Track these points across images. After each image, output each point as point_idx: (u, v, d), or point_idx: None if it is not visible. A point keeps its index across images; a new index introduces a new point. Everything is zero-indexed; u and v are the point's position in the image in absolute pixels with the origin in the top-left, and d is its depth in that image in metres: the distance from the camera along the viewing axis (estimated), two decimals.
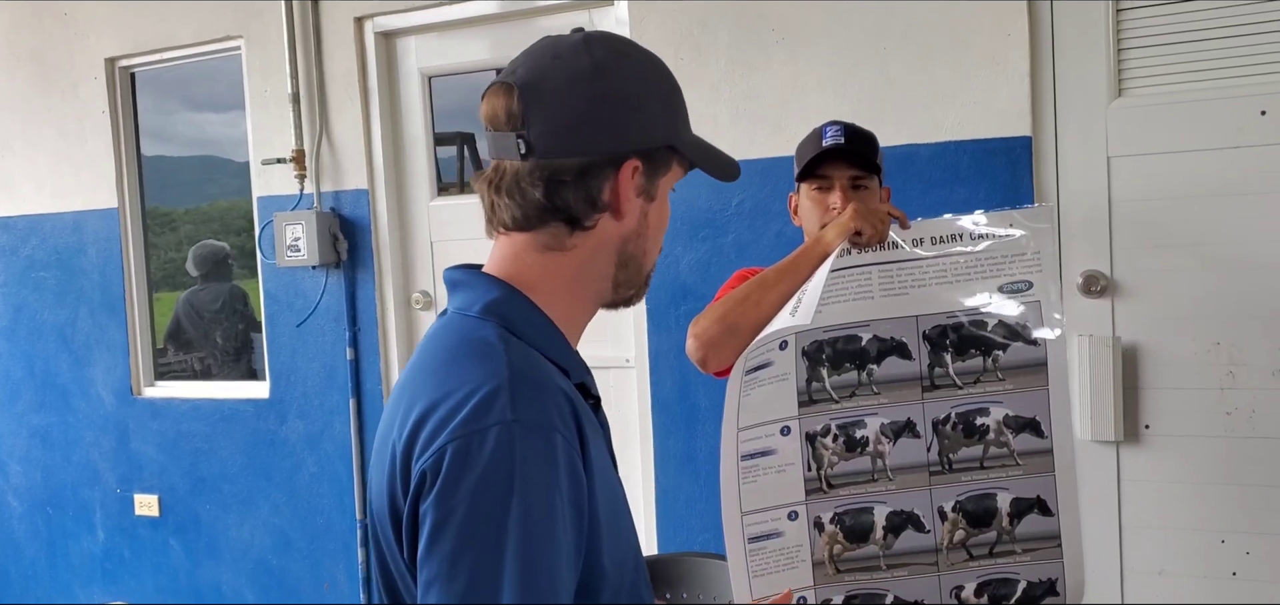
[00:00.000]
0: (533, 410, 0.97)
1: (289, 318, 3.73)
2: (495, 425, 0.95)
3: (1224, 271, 2.52)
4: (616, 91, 1.08)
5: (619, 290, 1.15)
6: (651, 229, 1.14)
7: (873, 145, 2.02)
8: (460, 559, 0.93)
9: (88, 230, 4.10)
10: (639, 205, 1.11)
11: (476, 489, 0.93)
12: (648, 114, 1.10)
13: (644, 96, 1.10)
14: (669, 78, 1.15)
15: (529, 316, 1.08)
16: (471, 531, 0.93)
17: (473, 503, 0.93)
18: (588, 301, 1.15)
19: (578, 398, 1.07)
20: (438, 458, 0.95)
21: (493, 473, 0.93)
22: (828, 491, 1.81)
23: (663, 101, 1.13)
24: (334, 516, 3.73)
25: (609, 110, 1.07)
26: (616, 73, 1.08)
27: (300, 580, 3.82)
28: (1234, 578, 2.56)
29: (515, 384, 0.98)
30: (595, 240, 1.10)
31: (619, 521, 1.10)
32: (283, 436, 3.79)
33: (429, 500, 0.95)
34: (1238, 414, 2.53)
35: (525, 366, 1.01)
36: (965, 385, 1.82)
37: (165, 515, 4.05)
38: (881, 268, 1.81)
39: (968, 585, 1.84)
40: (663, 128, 1.12)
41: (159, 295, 4.20)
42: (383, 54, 3.55)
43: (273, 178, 3.70)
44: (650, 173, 1.11)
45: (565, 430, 0.99)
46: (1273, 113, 2.45)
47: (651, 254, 1.16)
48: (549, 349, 1.07)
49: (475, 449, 0.94)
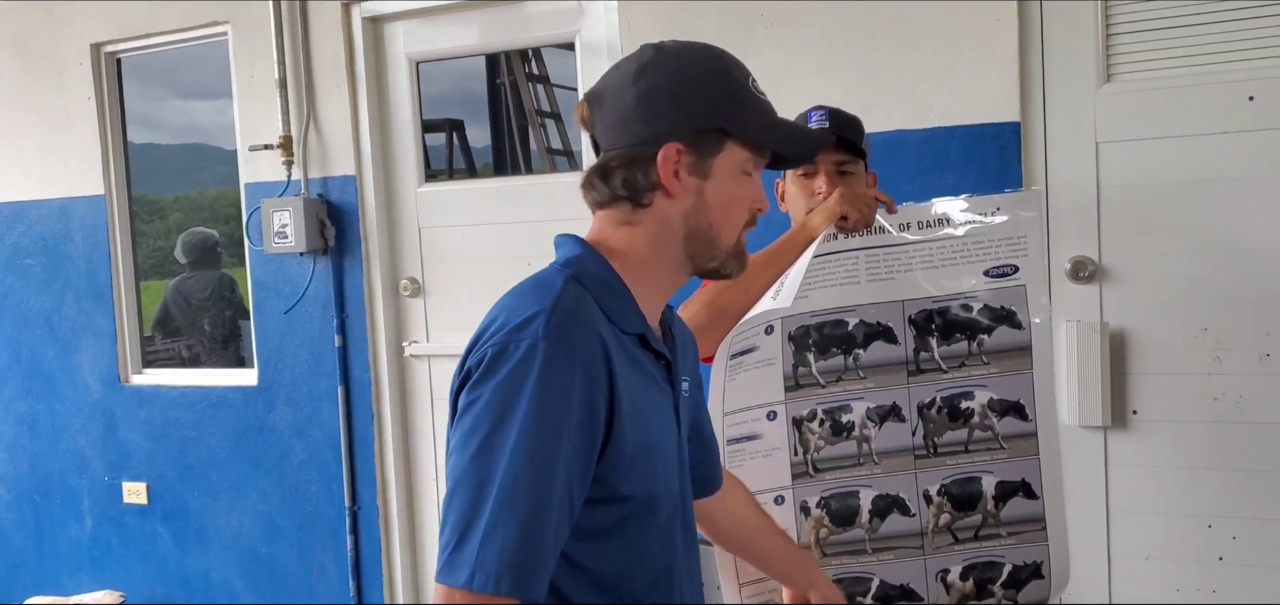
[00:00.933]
0: (562, 337, 1.14)
1: (277, 305, 3.72)
2: (527, 339, 1.14)
3: (1212, 257, 2.52)
4: (655, 86, 1.24)
5: (697, 261, 1.29)
6: (712, 205, 1.26)
7: (858, 130, 2.02)
8: (474, 434, 1.13)
9: (74, 217, 4.08)
10: (692, 184, 1.25)
11: (500, 383, 1.13)
12: (689, 103, 1.24)
13: (684, 87, 1.24)
14: (723, 68, 1.27)
15: (598, 272, 1.25)
16: (488, 415, 1.12)
17: (494, 393, 1.13)
18: (662, 269, 1.29)
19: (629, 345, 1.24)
20: (481, 355, 1.16)
21: (516, 374, 1.12)
22: (814, 476, 1.82)
23: (708, 90, 1.25)
24: (323, 504, 3.72)
25: (648, 103, 1.24)
26: (658, 69, 1.25)
27: (289, 568, 3.81)
28: (1221, 562, 2.57)
29: (554, 314, 1.15)
30: (656, 216, 1.26)
31: (656, 462, 1.26)
32: (271, 424, 3.78)
33: (467, 388, 1.16)
34: (1225, 399, 2.53)
35: (571, 305, 1.18)
36: (950, 369, 1.82)
37: (153, 503, 4.03)
38: (868, 253, 1.81)
39: (953, 568, 1.85)
40: (709, 113, 1.24)
41: (147, 283, 4.19)
42: (370, 39, 3.53)
43: (260, 164, 3.68)
44: (699, 154, 1.24)
45: (588, 363, 1.15)
46: (1260, 98, 2.45)
47: (723, 227, 1.28)
48: (607, 300, 1.23)
49: (509, 354, 1.13)
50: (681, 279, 1.32)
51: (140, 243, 4.15)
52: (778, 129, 1.31)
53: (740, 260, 1.32)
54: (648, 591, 1.28)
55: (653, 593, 1.29)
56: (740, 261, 1.32)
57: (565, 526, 1.15)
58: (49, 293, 4.16)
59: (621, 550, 1.24)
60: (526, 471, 1.10)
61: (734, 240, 1.30)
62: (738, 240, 1.31)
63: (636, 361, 1.25)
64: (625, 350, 1.23)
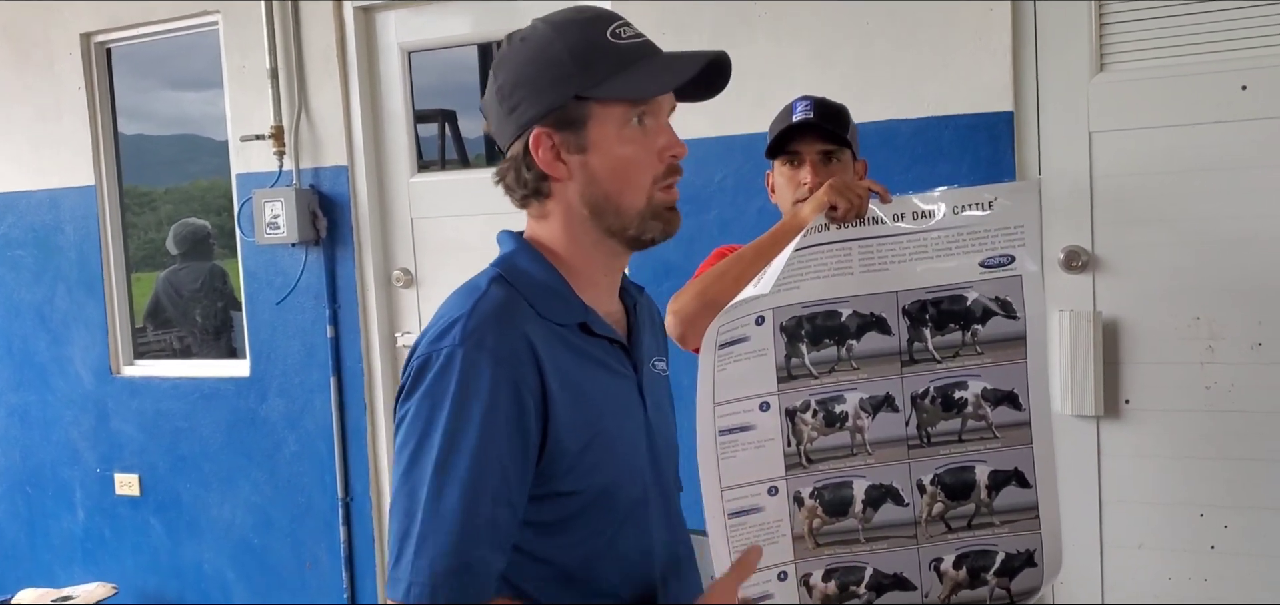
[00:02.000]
0: (480, 342, 1.14)
1: (269, 296, 3.71)
2: (445, 348, 1.15)
3: (1204, 246, 2.52)
4: (508, 79, 1.23)
5: (618, 234, 1.26)
6: (602, 174, 1.22)
7: (842, 119, 2.02)
8: (403, 449, 1.16)
9: (65, 208, 4.06)
10: (576, 161, 1.23)
11: (423, 395, 1.15)
12: (534, 87, 1.21)
13: (529, 70, 1.22)
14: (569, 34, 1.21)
15: (529, 267, 1.25)
16: (414, 429, 1.15)
17: (418, 406, 1.15)
18: (590, 252, 1.27)
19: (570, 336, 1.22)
20: (406, 372, 1.19)
21: (435, 384, 1.14)
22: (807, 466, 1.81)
23: (553, 64, 1.21)
24: (315, 495, 3.72)
25: (508, 99, 1.23)
26: (507, 62, 1.24)
27: (282, 559, 3.81)
28: (1212, 551, 2.58)
29: (472, 319, 1.16)
30: (559, 203, 1.25)
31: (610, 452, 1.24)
32: (263, 415, 3.77)
33: (398, 403, 1.20)
34: (1217, 389, 2.54)
35: (491, 308, 1.18)
36: (944, 359, 1.82)
37: (146, 494, 4.02)
38: (861, 243, 1.80)
39: (946, 557, 1.85)
40: (555, 87, 1.21)
41: (138, 275, 4.17)
42: (362, 28, 3.52)
43: (251, 154, 3.67)
44: (567, 130, 1.21)
45: (512, 364, 1.15)
46: (1253, 87, 2.45)
47: (624, 191, 1.23)
48: (539, 295, 1.22)
49: (430, 365, 1.16)
50: (617, 255, 1.30)
51: (131, 234, 4.14)
52: (636, 74, 1.22)
53: (663, 219, 1.27)
54: (623, 581, 1.26)
55: (629, 581, 1.27)
56: (664, 221, 1.27)
57: (506, 526, 1.15)
58: (40, 284, 4.14)
59: (584, 542, 1.23)
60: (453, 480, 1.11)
61: (644, 201, 1.25)
62: (651, 199, 1.25)
63: (580, 351, 1.24)
64: (564, 342, 1.22)
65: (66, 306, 4.09)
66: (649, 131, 1.24)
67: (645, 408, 1.31)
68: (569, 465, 1.19)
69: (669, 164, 1.26)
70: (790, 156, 2.00)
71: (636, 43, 1.23)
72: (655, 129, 1.24)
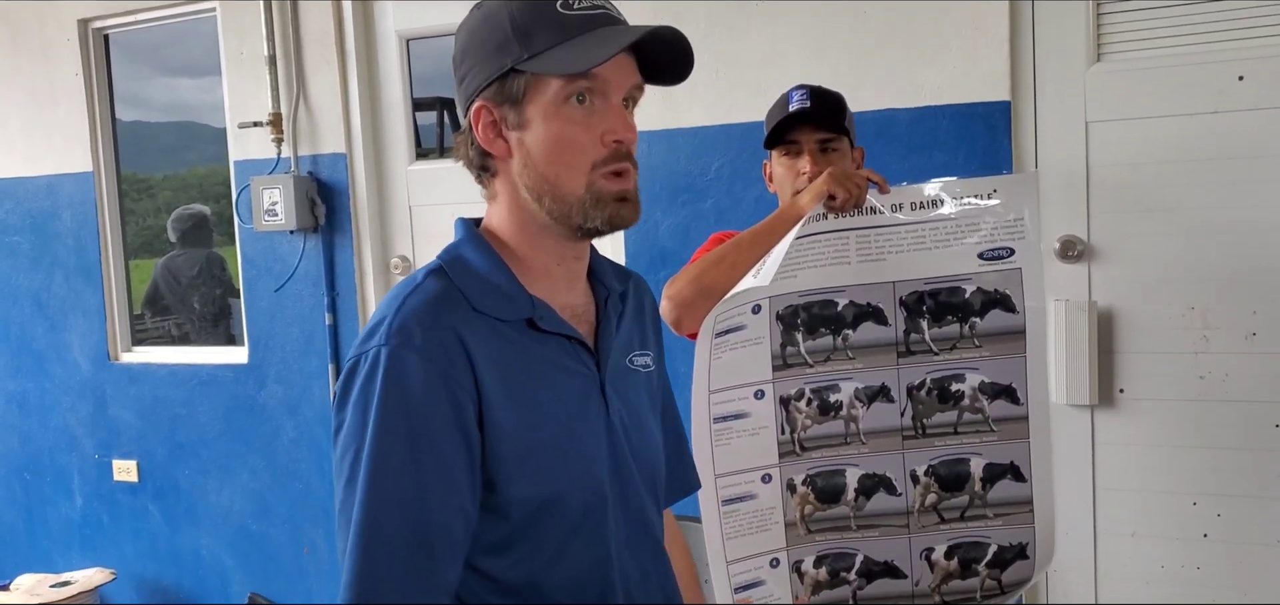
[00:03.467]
0: (405, 341, 1.08)
1: (267, 282, 3.71)
2: (371, 350, 1.09)
3: (1200, 236, 2.53)
4: (461, 49, 1.18)
5: (561, 221, 1.16)
6: (538, 154, 1.14)
7: (840, 107, 2.02)
8: (342, 460, 1.09)
9: (62, 194, 4.05)
10: (515, 139, 1.16)
11: (355, 402, 1.08)
12: (478, 56, 1.15)
13: (473, 40, 1.16)
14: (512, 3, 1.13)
15: (472, 259, 1.17)
16: (349, 438, 1.08)
17: (351, 414, 1.09)
18: (540, 237, 1.19)
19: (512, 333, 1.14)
20: (341, 374, 1.13)
21: (365, 388, 1.08)
22: (800, 454, 1.82)
23: (493, 33, 1.14)
24: (313, 482, 3.72)
25: (459, 67, 1.18)
26: (460, 32, 1.18)
27: (279, 545, 3.82)
28: (1205, 539, 2.59)
29: (400, 316, 1.10)
30: (503, 184, 1.19)
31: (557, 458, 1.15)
32: (261, 402, 3.78)
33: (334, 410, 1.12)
34: (1211, 378, 2.54)
35: (421, 305, 1.11)
36: (941, 351, 1.82)
37: (144, 481, 4.03)
38: (858, 233, 1.80)
39: (938, 547, 1.86)
40: (494, 58, 1.14)
41: (136, 262, 4.17)
42: (360, 15, 3.51)
43: (249, 141, 3.66)
44: (506, 104, 1.15)
45: (444, 361, 1.08)
46: (1250, 78, 2.45)
47: (560, 173, 1.13)
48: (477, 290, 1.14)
49: (359, 369, 1.09)
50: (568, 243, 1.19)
51: (129, 221, 4.13)
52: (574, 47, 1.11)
53: (608, 208, 1.14)
54: (575, 596, 1.17)
55: (582, 596, 1.17)
56: (609, 210, 1.14)
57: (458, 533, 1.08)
58: (37, 270, 4.14)
59: (530, 556, 1.14)
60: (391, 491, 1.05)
61: (583, 187, 1.13)
62: (591, 185, 1.13)
63: (524, 350, 1.14)
64: (505, 340, 1.13)
65: (64, 293, 4.09)
66: (592, 112, 1.13)
67: (608, 408, 1.20)
68: (510, 473, 1.11)
69: (612, 149, 1.13)
70: (788, 146, 2.00)
71: (588, 13, 1.12)
72: (602, 110, 1.13)
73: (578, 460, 1.17)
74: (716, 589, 1.81)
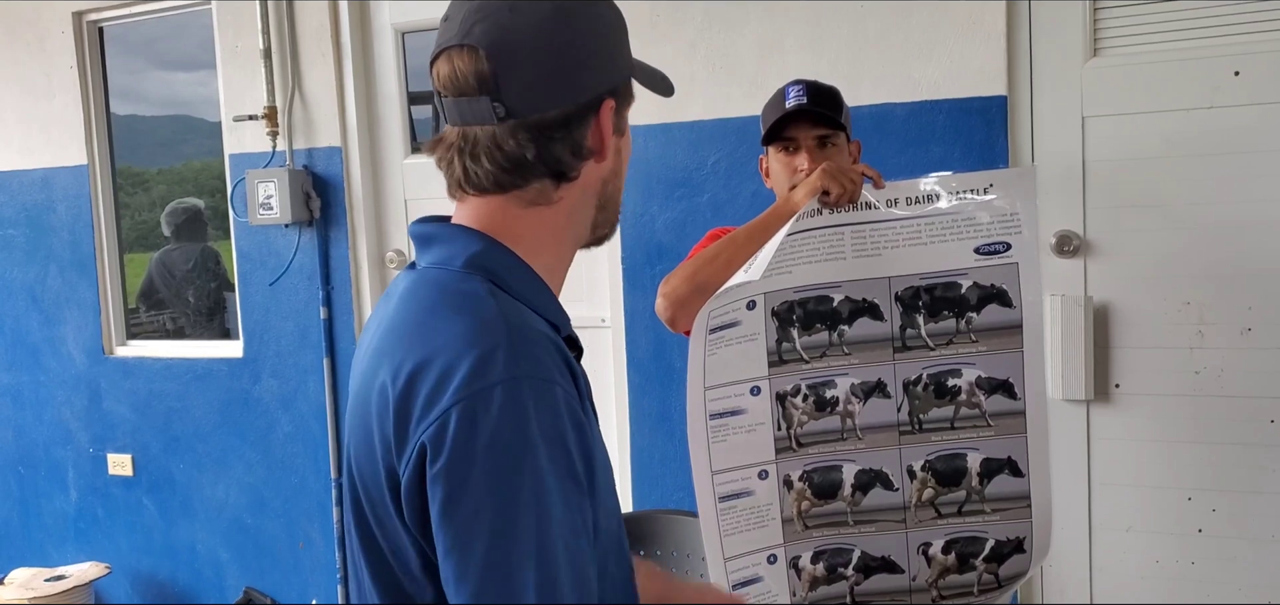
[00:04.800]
0: (533, 365, 0.95)
1: (262, 276, 3.70)
2: (499, 384, 0.93)
3: (1195, 232, 2.53)
4: (583, 34, 1.06)
5: (596, 231, 1.15)
6: (623, 164, 1.15)
7: (836, 102, 2.01)
8: (477, 523, 0.91)
9: (57, 187, 4.04)
10: (614, 143, 1.11)
11: (488, 450, 0.91)
12: (614, 48, 1.10)
13: (607, 32, 1.09)
14: (613, 10, 1.12)
15: (514, 270, 1.06)
16: (486, 494, 0.91)
17: (485, 465, 0.91)
18: (570, 250, 1.14)
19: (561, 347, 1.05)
20: (442, 423, 0.93)
21: (503, 432, 0.92)
22: (797, 450, 1.82)
23: (621, 33, 1.12)
24: (308, 475, 3.72)
25: (581, 54, 1.05)
26: (579, 15, 1.06)
27: (275, 539, 3.81)
28: (1200, 534, 2.60)
29: (513, 339, 0.96)
30: (579, 188, 1.09)
31: (609, 474, 1.10)
32: (256, 396, 3.77)
33: (438, 467, 0.93)
34: (1206, 373, 2.55)
35: (519, 321, 1.00)
36: (938, 346, 1.82)
37: (139, 474, 4.03)
38: (854, 228, 1.80)
39: (935, 542, 1.86)
40: (624, 59, 1.12)
41: (130, 255, 4.16)
42: (355, 9, 3.50)
43: (245, 135, 3.65)
44: (620, 107, 1.12)
45: (564, 383, 0.98)
46: (1246, 73, 2.45)
47: (622, 186, 1.17)
48: (536, 302, 1.06)
49: (481, 411, 0.92)
50: (571, 261, 1.16)
51: (124, 215, 4.12)
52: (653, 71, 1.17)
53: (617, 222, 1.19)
54: None
55: None
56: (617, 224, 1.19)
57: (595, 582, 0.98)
58: (32, 263, 4.13)
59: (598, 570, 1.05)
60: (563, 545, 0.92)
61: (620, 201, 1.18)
62: None
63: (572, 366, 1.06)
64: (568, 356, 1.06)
65: (59, 286, 4.08)
66: None
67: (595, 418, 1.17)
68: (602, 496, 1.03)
69: None
70: (786, 142, 2.00)
71: None
72: None
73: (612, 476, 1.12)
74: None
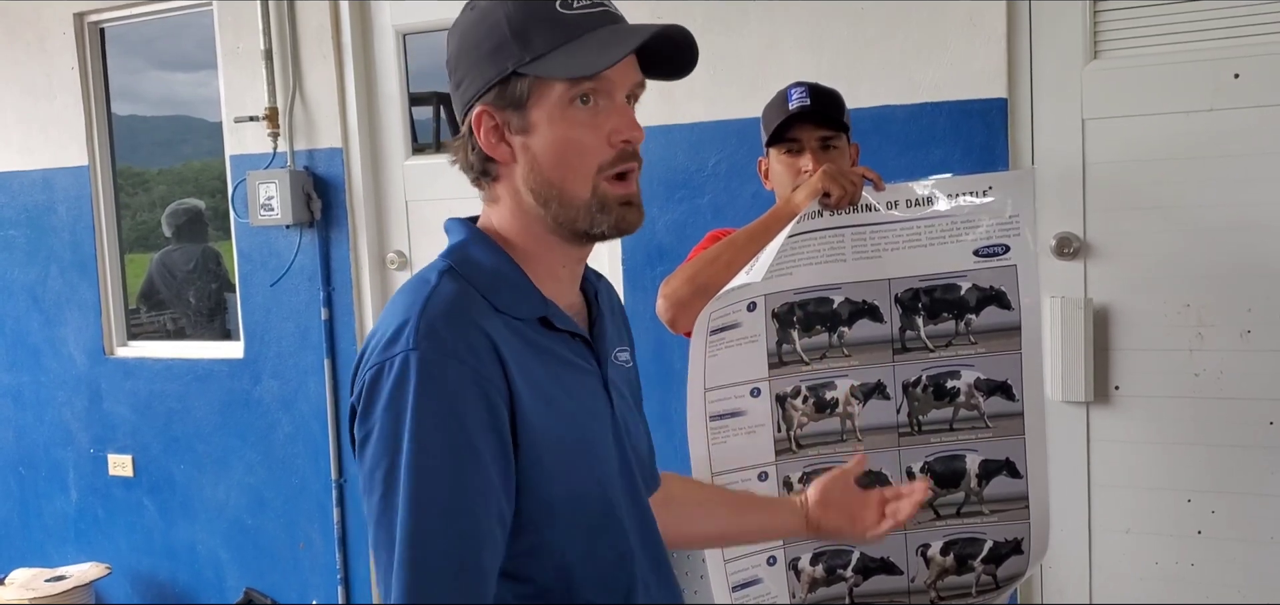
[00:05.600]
0: (436, 343, 1.04)
1: (263, 277, 3.71)
2: (399, 355, 1.04)
3: (1195, 234, 2.53)
4: (453, 54, 1.15)
5: (567, 225, 1.13)
6: (544, 159, 1.11)
7: (839, 104, 2.02)
8: (375, 472, 1.04)
9: (57, 188, 4.04)
10: (520, 143, 1.12)
11: (384, 410, 1.04)
12: (475, 58, 1.12)
13: (470, 42, 1.13)
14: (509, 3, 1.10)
15: (483, 258, 1.14)
16: (381, 450, 1.04)
17: (381, 423, 1.04)
18: (546, 243, 1.16)
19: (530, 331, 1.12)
20: (360, 385, 1.07)
21: (395, 395, 1.03)
22: (797, 452, 1.83)
23: (491, 34, 1.11)
24: (309, 477, 3.72)
25: (454, 75, 1.15)
26: (454, 35, 1.15)
27: (275, 540, 3.82)
28: (1199, 536, 2.60)
29: (425, 317, 1.05)
30: (506, 189, 1.16)
31: (580, 456, 1.14)
32: (257, 397, 3.78)
33: (356, 422, 1.08)
34: (1206, 375, 2.55)
35: (444, 305, 1.07)
36: (937, 348, 1.83)
37: (139, 475, 4.03)
38: (854, 230, 1.81)
39: (933, 543, 1.87)
40: (493, 60, 1.11)
41: (131, 256, 4.16)
42: (356, 10, 3.51)
43: (246, 136, 3.66)
44: (508, 108, 1.11)
45: (474, 361, 1.05)
46: (1246, 76, 2.45)
47: (567, 178, 1.12)
48: (494, 288, 1.12)
49: (384, 376, 1.04)
50: (577, 248, 1.18)
51: (124, 215, 4.13)
52: (578, 48, 1.09)
53: (614, 213, 1.13)
54: (601, 590, 1.15)
55: (608, 590, 1.16)
56: (615, 215, 1.13)
57: (497, 536, 1.05)
58: (33, 264, 4.13)
59: (559, 553, 1.12)
60: (434, 501, 1.01)
61: (589, 191, 1.12)
62: (596, 189, 1.12)
63: (542, 348, 1.13)
64: (524, 339, 1.11)
65: (60, 287, 4.09)
66: (597, 112, 1.11)
67: (612, 406, 1.21)
68: (540, 474, 1.08)
69: (619, 150, 1.12)
70: (789, 144, 1.99)
71: (587, 12, 1.10)
72: (607, 110, 1.12)
73: (596, 458, 1.17)
74: (714, 586, 1.82)
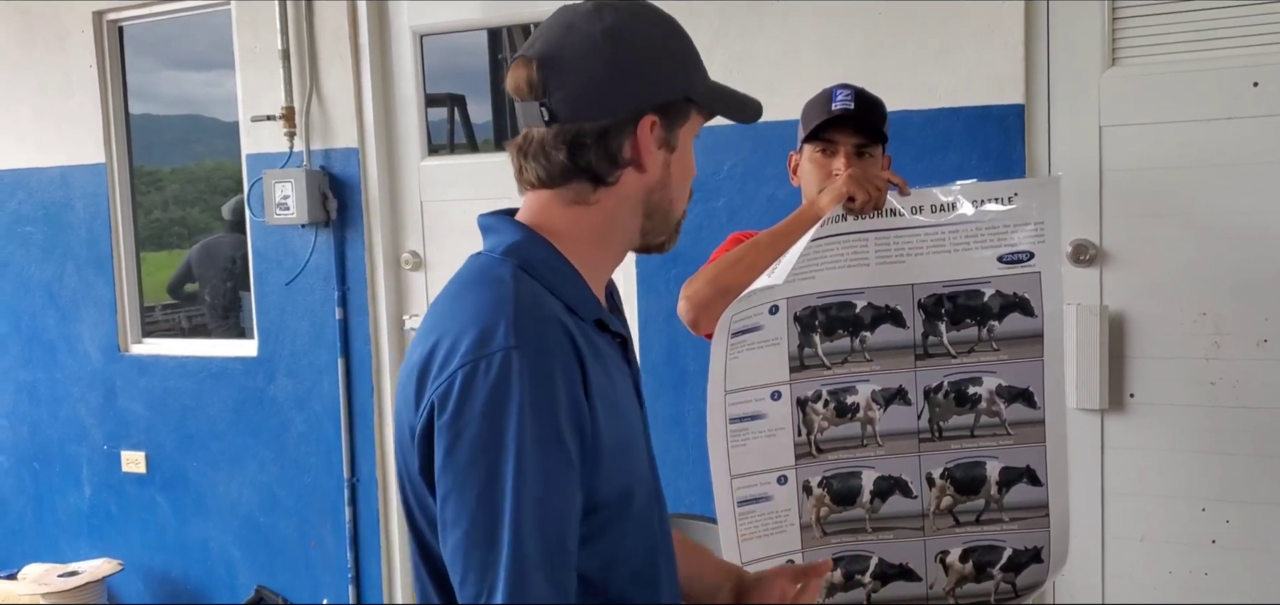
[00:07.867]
0: (531, 338, 1.07)
1: (278, 276, 3.72)
2: (498, 351, 1.05)
3: (1212, 242, 2.53)
4: (629, 53, 1.16)
5: (647, 237, 1.24)
6: (675, 178, 1.22)
7: (881, 113, 2.01)
8: (471, 472, 1.05)
9: (75, 185, 4.06)
10: (662, 157, 1.20)
11: (483, 409, 1.04)
12: (661, 70, 1.18)
13: (656, 54, 1.19)
14: (681, 32, 1.23)
15: (546, 258, 1.17)
16: (480, 447, 1.04)
17: (480, 422, 1.04)
18: (613, 249, 1.23)
19: (589, 332, 1.16)
20: (448, 383, 1.06)
21: (497, 393, 1.04)
22: (817, 456, 1.83)
23: (675, 56, 1.20)
24: (321, 475, 3.74)
25: (624, 71, 1.16)
26: (629, 35, 1.16)
27: (287, 538, 3.83)
28: (1214, 545, 2.60)
29: (517, 314, 1.08)
30: (619, 194, 1.19)
31: (628, 455, 1.19)
32: (271, 395, 3.79)
33: (443, 421, 1.06)
34: (1222, 384, 2.55)
35: (529, 300, 1.11)
36: (959, 354, 1.83)
37: (152, 472, 4.04)
38: (878, 235, 1.81)
39: (953, 550, 1.87)
40: (677, 81, 1.20)
41: (146, 254, 4.18)
42: (374, 11, 3.52)
43: (262, 135, 3.67)
44: (669, 125, 1.19)
45: (563, 359, 1.08)
46: (1265, 84, 2.45)
47: (679, 202, 1.24)
48: (562, 288, 1.16)
49: (481, 374, 1.05)
50: (617, 261, 1.26)
51: (139, 213, 4.14)
52: (727, 94, 1.27)
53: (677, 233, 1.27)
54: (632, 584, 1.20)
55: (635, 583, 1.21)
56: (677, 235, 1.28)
57: (578, 528, 1.09)
58: (49, 261, 4.15)
59: (604, 549, 1.16)
60: (532, 497, 1.04)
61: (681, 212, 1.26)
62: (682, 212, 1.27)
63: (598, 349, 1.17)
64: (587, 338, 1.15)
65: (76, 284, 4.11)
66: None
67: (641, 405, 1.28)
68: (600, 471, 1.12)
69: None
70: (824, 145, 1.98)
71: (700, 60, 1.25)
72: None
73: (638, 455, 1.23)
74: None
